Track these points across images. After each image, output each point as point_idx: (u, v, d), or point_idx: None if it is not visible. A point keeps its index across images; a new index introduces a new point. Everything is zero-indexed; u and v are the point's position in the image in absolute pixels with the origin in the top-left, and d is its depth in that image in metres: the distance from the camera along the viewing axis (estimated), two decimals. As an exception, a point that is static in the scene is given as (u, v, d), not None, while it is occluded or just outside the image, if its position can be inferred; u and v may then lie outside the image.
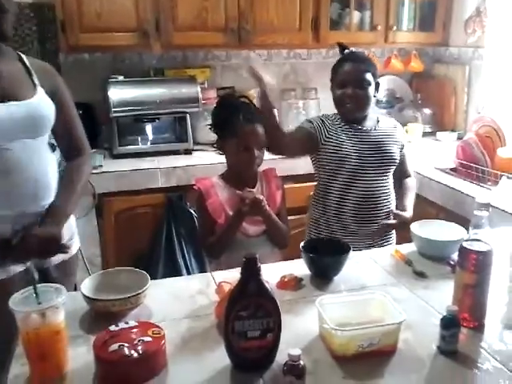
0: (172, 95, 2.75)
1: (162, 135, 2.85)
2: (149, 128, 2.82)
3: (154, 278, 1.35)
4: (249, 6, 2.73)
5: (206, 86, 2.96)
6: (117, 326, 1.13)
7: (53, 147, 1.62)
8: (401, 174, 2.05)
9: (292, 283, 1.38)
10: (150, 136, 2.83)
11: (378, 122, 2.00)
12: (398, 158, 1.98)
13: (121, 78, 2.77)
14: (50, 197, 1.50)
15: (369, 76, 1.89)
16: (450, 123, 3.22)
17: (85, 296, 1.25)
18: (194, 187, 1.76)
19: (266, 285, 1.06)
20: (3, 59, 1.45)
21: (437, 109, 3.28)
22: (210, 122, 2.41)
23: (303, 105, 3.12)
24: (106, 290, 1.29)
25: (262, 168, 1.80)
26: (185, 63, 3.02)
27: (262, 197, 1.64)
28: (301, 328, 1.21)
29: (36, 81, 1.49)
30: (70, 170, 1.61)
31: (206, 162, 2.59)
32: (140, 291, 1.25)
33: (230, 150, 1.73)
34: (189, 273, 2.40)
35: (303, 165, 2.57)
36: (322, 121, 1.97)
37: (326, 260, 1.44)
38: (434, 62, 3.39)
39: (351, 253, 1.46)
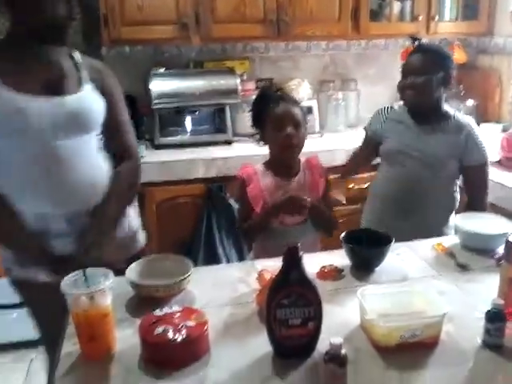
0: (211, 87, 2.77)
1: (201, 126, 2.88)
2: (189, 119, 2.86)
3: (194, 266, 1.37)
4: (287, -3, 2.73)
5: (244, 77, 2.97)
6: (161, 310, 1.16)
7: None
8: (470, 188, 1.94)
9: (332, 273, 1.39)
10: (190, 127, 2.87)
11: (451, 121, 1.92)
12: (454, 168, 1.90)
13: (161, 70, 2.81)
14: (99, 196, 1.49)
15: (431, 64, 1.84)
16: (495, 115, 3.14)
17: (130, 281, 1.29)
18: (238, 174, 1.78)
19: (308, 274, 1.07)
20: (55, 53, 1.46)
21: (480, 100, 3.19)
22: (249, 113, 2.43)
23: (342, 96, 3.09)
24: (150, 276, 1.32)
25: (304, 156, 1.80)
26: (224, 55, 3.03)
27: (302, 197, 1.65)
28: (341, 318, 1.21)
29: (84, 77, 1.48)
30: (118, 177, 1.54)
31: (245, 153, 2.61)
32: (183, 277, 1.28)
33: (268, 136, 1.73)
34: (228, 262, 2.43)
35: (343, 157, 2.57)
36: (381, 117, 2.03)
37: (367, 251, 1.44)
38: (478, 53, 3.30)
39: (392, 244, 1.45)
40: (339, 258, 1.48)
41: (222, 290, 1.36)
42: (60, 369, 1.07)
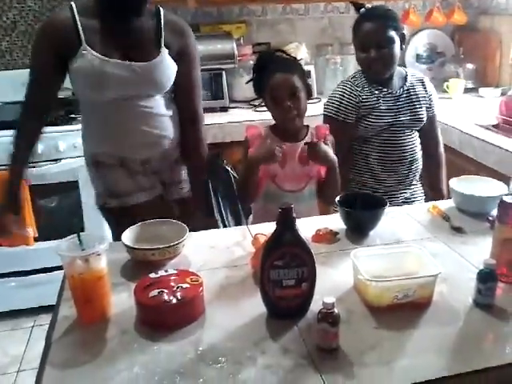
0: (207, 52, 2.72)
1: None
2: (185, 85, 2.83)
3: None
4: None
5: (241, 42, 2.92)
6: (156, 273, 1.17)
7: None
8: (427, 139, 2.00)
9: (327, 236, 1.40)
10: (186, 93, 2.84)
11: (406, 78, 1.93)
12: (425, 117, 1.94)
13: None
14: (167, 145, 1.71)
15: (391, 32, 1.79)
16: (494, 79, 3.10)
17: (126, 245, 1.30)
18: (244, 135, 1.76)
19: (301, 235, 1.07)
20: (143, 13, 1.57)
21: (480, 64, 3.15)
22: (245, 78, 2.38)
23: (341, 60, 3.05)
24: (146, 241, 1.33)
25: (315, 123, 1.77)
26: (220, 19, 2.98)
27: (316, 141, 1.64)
28: (335, 280, 1.22)
29: (163, 41, 1.59)
30: (191, 147, 1.79)
31: (241, 119, 2.59)
32: (179, 241, 1.29)
33: (268, 106, 1.72)
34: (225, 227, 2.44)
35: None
36: (342, 101, 1.91)
37: (361, 214, 1.44)
38: (479, 14, 3.24)
39: (387, 208, 1.46)
40: (334, 221, 1.48)
41: (218, 254, 1.37)
42: (56, 332, 1.09)
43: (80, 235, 1.12)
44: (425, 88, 1.96)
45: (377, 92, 1.89)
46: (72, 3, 1.53)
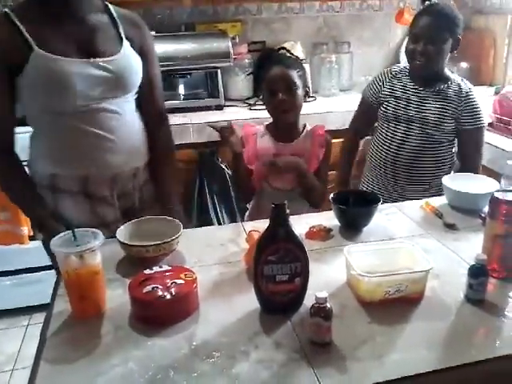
0: (203, 50, 2.73)
1: (193, 91, 2.86)
2: (180, 84, 2.84)
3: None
4: (281, -44, 2.67)
5: (237, 40, 2.93)
6: (151, 269, 1.18)
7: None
8: (460, 154, 1.95)
9: (321, 233, 1.40)
10: (182, 91, 2.85)
11: (449, 84, 1.90)
12: (450, 131, 1.89)
13: (152, 33, 2.76)
14: (140, 159, 1.54)
15: (444, 32, 1.81)
16: (488, 77, 3.11)
17: (120, 242, 1.31)
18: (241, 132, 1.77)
19: (294, 230, 1.08)
20: (90, 10, 1.42)
21: (474, 62, 3.16)
22: (241, 77, 2.38)
23: (336, 59, 3.06)
24: (140, 237, 1.33)
25: (312, 124, 1.79)
26: (215, 17, 2.98)
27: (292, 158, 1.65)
28: (328, 275, 1.23)
29: (122, 33, 1.45)
30: (164, 146, 1.62)
31: (237, 118, 2.59)
32: (173, 238, 1.29)
33: (265, 100, 1.73)
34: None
35: (336, 120, 2.57)
36: (380, 80, 2.01)
37: (355, 211, 1.46)
38: (473, 13, 3.25)
39: (381, 205, 1.47)
40: (328, 218, 1.49)
41: (212, 250, 1.38)
42: (51, 328, 1.09)
43: (74, 231, 1.12)
44: (461, 100, 1.87)
45: (406, 84, 1.93)
46: (6, 10, 1.35)
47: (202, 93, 2.85)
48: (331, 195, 1.49)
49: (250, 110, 2.75)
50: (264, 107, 1.75)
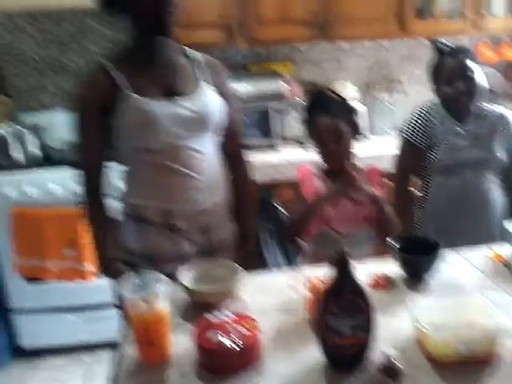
0: (256, 90, 2.80)
1: (247, 130, 2.90)
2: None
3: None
4: (331, -2, 2.72)
5: (289, 80, 2.97)
6: (214, 315, 1.19)
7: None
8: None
9: (384, 283, 1.38)
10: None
11: (484, 115, 1.93)
12: (504, 156, 1.90)
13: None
14: (220, 197, 1.61)
15: (473, 66, 1.86)
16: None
17: (183, 286, 1.33)
18: (296, 174, 1.78)
19: (360, 283, 1.07)
20: (169, 51, 1.53)
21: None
22: (294, 116, 2.39)
23: (388, 97, 3.05)
24: (202, 281, 1.35)
25: (365, 166, 1.79)
26: (268, 58, 3.05)
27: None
28: (394, 328, 1.20)
29: (200, 75, 1.55)
30: (243, 185, 1.73)
31: (291, 158, 2.61)
32: (234, 283, 1.31)
33: (314, 144, 1.74)
34: (276, 268, 2.44)
35: (390, 161, 2.54)
36: (421, 124, 1.97)
37: (418, 259, 1.42)
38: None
39: (444, 252, 1.43)
40: (390, 266, 1.46)
41: (272, 297, 1.38)
42: (120, 372, 1.11)
43: (142, 276, 1.15)
44: (507, 124, 1.92)
45: (452, 125, 1.92)
46: (100, 59, 1.51)
47: (256, 132, 2.89)
48: (392, 241, 1.47)
49: (306, 150, 2.77)
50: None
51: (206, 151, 1.54)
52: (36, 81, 2.92)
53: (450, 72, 1.88)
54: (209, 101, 1.53)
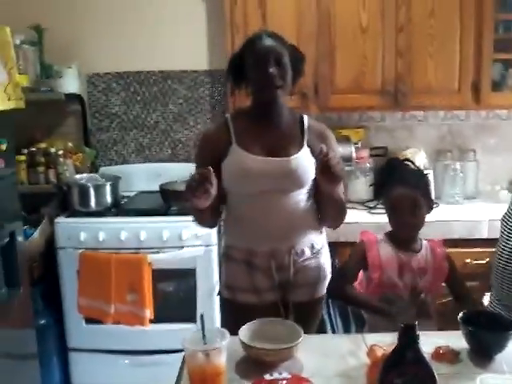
0: (325, 153, 2.84)
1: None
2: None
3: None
4: (407, 68, 2.76)
5: (359, 145, 3.01)
6: (271, 375, 1.18)
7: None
8: None
9: (448, 356, 1.32)
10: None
11: None
12: None
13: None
14: (297, 238, 1.76)
15: None
16: None
17: (242, 342, 1.34)
18: (360, 238, 1.78)
19: (424, 355, 1.04)
20: (286, 120, 1.75)
21: None
22: (362, 180, 2.39)
23: (460, 167, 3.00)
24: (261, 339, 1.36)
25: (434, 231, 1.80)
26: (339, 123, 3.11)
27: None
28: (458, 405, 1.15)
29: (305, 141, 1.72)
30: None
31: (356, 220, 2.60)
32: (293, 344, 1.30)
33: (386, 210, 1.74)
34: (333, 330, 2.39)
35: (459, 229, 2.49)
36: None
37: (487, 335, 1.36)
38: None
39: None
40: (456, 339, 1.40)
41: (331, 361, 1.36)
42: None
43: (204, 329, 1.18)
44: None
45: None
46: (227, 114, 1.81)
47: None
48: (460, 315, 1.41)
49: (370, 213, 2.76)
50: (384, 211, 1.77)
51: (291, 203, 1.72)
52: (119, 136, 3.15)
53: None
54: (303, 163, 1.69)
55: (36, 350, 2.31)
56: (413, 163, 1.78)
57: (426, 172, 1.80)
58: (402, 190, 1.67)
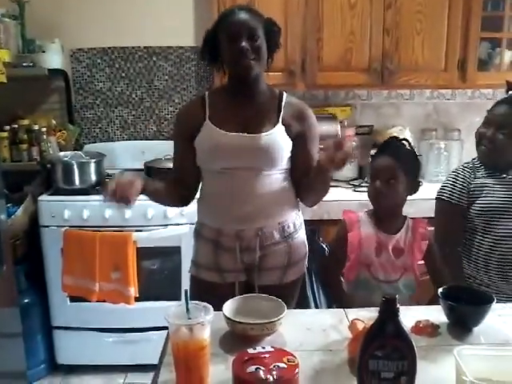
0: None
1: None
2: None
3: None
4: (393, 46, 2.75)
5: (345, 124, 3.01)
6: (254, 349, 1.19)
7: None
8: None
9: (428, 329, 1.35)
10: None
11: None
12: None
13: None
14: (266, 221, 1.71)
15: None
16: None
17: (226, 317, 1.35)
18: (342, 217, 1.80)
19: (404, 327, 1.05)
20: (264, 98, 1.70)
21: None
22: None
23: (445, 146, 3.02)
24: (245, 314, 1.37)
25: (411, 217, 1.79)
26: (326, 101, 3.11)
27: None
28: (436, 376, 1.18)
29: (281, 118, 1.67)
30: None
31: (340, 198, 2.62)
32: (277, 318, 1.31)
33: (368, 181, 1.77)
34: (317, 307, 2.42)
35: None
36: (455, 184, 1.92)
37: (466, 309, 1.39)
38: None
39: (494, 304, 1.38)
40: (436, 313, 1.43)
41: (314, 335, 1.38)
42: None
43: (188, 304, 1.18)
44: None
45: (490, 175, 1.87)
46: (206, 92, 1.77)
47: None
48: (440, 290, 1.44)
49: (355, 191, 2.77)
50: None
51: (263, 183, 1.67)
52: (103, 113, 3.11)
53: (491, 115, 1.84)
54: (276, 141, 1.64)
55: (20, 328, 2.30)
56: (409, 144, 1.78)
57: (418, 155, 1.79)
58: (384, 158, 1.69)
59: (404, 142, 1.78)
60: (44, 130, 2.83)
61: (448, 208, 1.92)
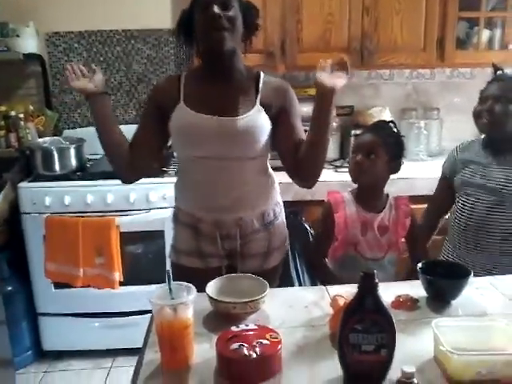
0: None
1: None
2: (269, 144, 2.94)
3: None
4: (372, 26, 2.76)
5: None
6: (237, 327, 1.21)
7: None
8: None
9: (407, 303, 1.38)
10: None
11: None
12: None
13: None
14: (245, 211, 1.67)
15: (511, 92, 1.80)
16: None
17: (209, 297, 1.36)
18: (326, 198, 1.81)
19: (383, 301, 1.08)
20: (240, 78, 1.63)
21: None
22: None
23: (425, 125, 3.05)
24: (228, 294, 1.38)
25: (397, 190, 1.86)
26: (306, 82, 3.10)
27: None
28: (415, 348, 1.20)
29: (258, 100, 1.60)
30: None
31: (322, 179, 2.62)
32: (260, 296, 1.33)
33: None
34: (301, 286, 2.45)
35: (423, 185, 2.54)
36: (454, 153, 2.02)
37: (443, 282, 1.42)
38: None
39: (471, 278, 1.42)
40: (415, 288, 1.46)
41: (296, 312, 1.40)
42: (141, 376, 1.14)
43: (171, 284, 1.19)
44: None
45: (481, 151, 1.91)
46: (183, 72, 1.70)
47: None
48: (419, 265, 1.47)
49: (336, 172, 2.79)
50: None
51: (241, 169, 1.62)
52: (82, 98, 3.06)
53: (486, 92, 1.86)
54: (255, 124, 1.58)
55: (4, 316, 2.30)
56: (395, 126, 1.80)
57: (402, 137, 1.80)
58: (367, 134, 1.73)
59: (391, 124, 1.79)
60: (21, 116, 2.80)
61: (441, 179, 2.07)
